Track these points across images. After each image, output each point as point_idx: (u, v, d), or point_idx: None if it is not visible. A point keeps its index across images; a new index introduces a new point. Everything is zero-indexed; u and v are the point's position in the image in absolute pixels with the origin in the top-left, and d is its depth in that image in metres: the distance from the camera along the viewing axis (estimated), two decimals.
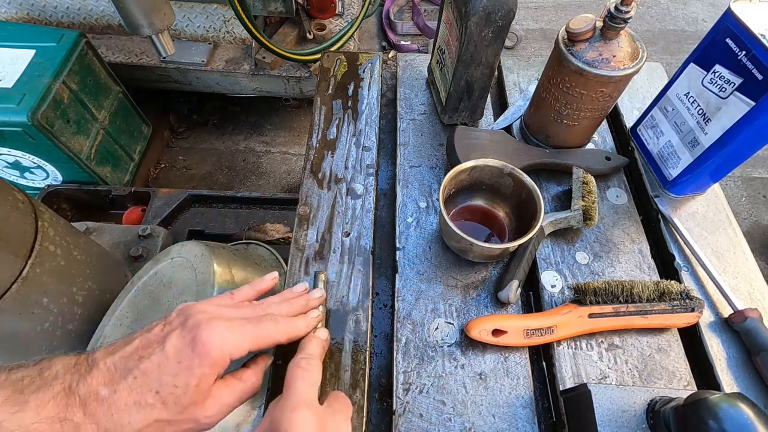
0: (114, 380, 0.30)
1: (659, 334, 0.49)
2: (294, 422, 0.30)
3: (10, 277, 0.58)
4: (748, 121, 0.48)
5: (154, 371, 0.30)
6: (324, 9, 1.39)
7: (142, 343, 0.32)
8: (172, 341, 0.31)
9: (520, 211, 0.53)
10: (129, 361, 0.31)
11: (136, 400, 0.29)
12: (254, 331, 0.34)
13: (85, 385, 0.29)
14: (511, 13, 0.51)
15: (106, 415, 0.29)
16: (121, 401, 0.29)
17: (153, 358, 0.31)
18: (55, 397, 0.28)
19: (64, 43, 1.16)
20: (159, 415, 0.30)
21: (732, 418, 0.31)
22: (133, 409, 0.29)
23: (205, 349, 0.31)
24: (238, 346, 0.33)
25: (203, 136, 1.78)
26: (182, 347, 0.31)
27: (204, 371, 0.31)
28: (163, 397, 0.30)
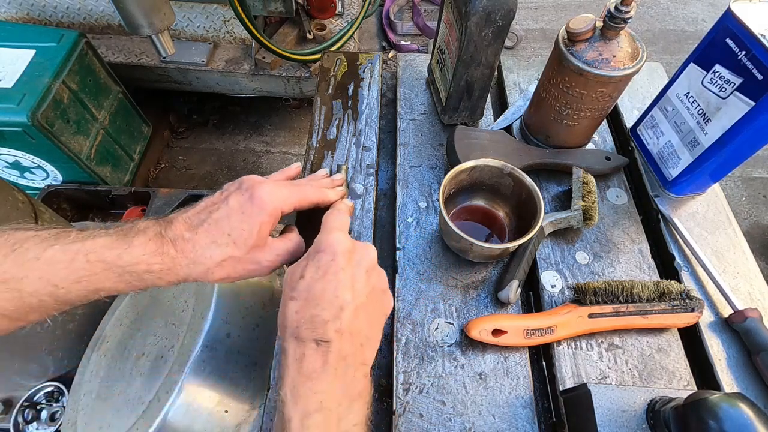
0: (193, 227, 0.36)
1: (659, 334, 0.49)
2: (332, 238, 0.35)
3: None
4: (748, 121, 0.48)
5: (224, 219, 0.36)
6: (324, 9, 1.39)
7: (207, 203, 0.38)
8: (234, 197, 0.37)
9: (520, 211, 0.53)
10: (201, 214, 0.37)
11: (213, 239, 0.36)
12: (297, 191, 0.41)
13: (172, 231, 0.36)
14: (511, 13, 0.51)
15: (193, 250, 0.36)
16: (202, 240, 0.36)
17: (221, 210, 0.37)
18: (152, 239, 0.35)
19: (64, 43, 1.16)
20: (232, 252, 0.36)
21: (732, 418, 0.31)
22: (212, 246, 0.36)
23: (262, 201, 0.37)
24: (286, 200, 0.39)
25: (203, 136, 1.78)
26: (243, 201, 0.37)
27: (263, 219, 0.37)
28: (234, 238, 0.36)
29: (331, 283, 0.33)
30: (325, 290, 0.33)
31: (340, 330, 0.32)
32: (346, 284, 0.33)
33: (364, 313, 0.34)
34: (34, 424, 0.69)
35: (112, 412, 0.47)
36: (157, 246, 0.35)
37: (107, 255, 0.33)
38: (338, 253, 0.34)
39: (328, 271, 0.34)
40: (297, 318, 0.33)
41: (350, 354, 0.33)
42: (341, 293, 0.33)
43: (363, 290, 0.35)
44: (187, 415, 0.43)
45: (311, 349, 0.31)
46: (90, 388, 0.52)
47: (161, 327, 0.50)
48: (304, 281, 0.34)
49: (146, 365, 0.48)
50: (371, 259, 0.37)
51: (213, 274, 0.36)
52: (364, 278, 0.35)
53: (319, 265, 0.34)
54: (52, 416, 0.69)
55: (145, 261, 0.34)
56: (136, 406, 0.45)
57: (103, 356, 0.55)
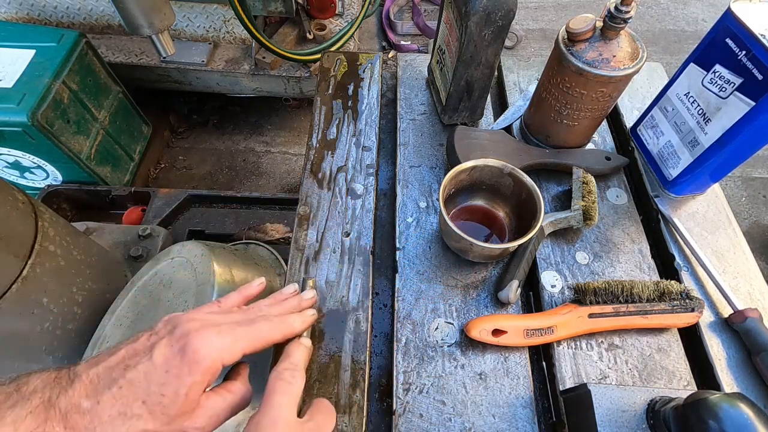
0: (97, 391, 0.29)
1: (659, 334, 0.49)
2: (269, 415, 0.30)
3: (10, 277, 0.58)
4: (748, 121, 0.48)
5: (141, 381, 0.29)
6: (324, 9, 1.39)
7: (128, 353, 0.31)
8: (160, 350, 0.30)
9: (520, 211, 0.53)
10: (114, 371, 0.30)
11: (121, 410, 0.28)
12: (247, 333, 0.33)
13: (66, 398, 0.28)
14: (511, 13, 0.51)
15: (89, 428, 0.28)
16: (104, 413, 0.28)
17: (139, 367, 0.29)
18: (33, 412, 0.27)
19: (64, 43, 1.16)
20: (145, 426, 0.29)
21: (732, 418, 0.31)
22: (118, 421, 0.28)
23: (196, 356, 0.30)
24: (231, 350, 0.32)
25: (203, 136, 1.77)
26: (171, 356, 0.30)
27: (195, 379, 0.30)
28: (150, 407, 0.29)
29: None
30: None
31: None
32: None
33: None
34: None
35: None
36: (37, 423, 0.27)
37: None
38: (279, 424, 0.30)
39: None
40: None
41: None
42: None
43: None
44: None
45: None
46: None
47: None
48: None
49: None
50: None
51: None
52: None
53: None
54: None
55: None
56: None
57: None
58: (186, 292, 0.52)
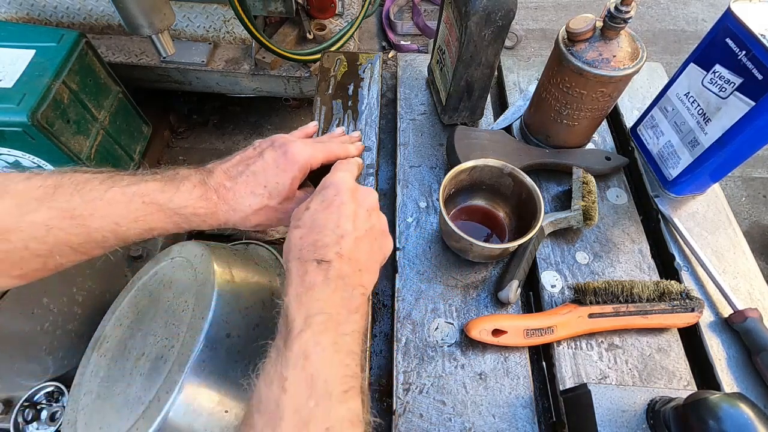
0: (232, 177, 0.40)
1: (659, 334, 0.49)
2: (338, 178, 0.39)
3: None
4: (748, 121, 0.48)
5: (261, 172, 0.40)
6: (324, 9, 1.39)
7: (243, 157, 0.42)
8: (269, 153, 0.41)
9: (520, 211, 0.53)
10: (239, 166, 0.41)
11: (251, 190, 0.40)
12: (322, 148, 0.44)
13: (213, 179, 0.40)
14: (511, 13, 0.51)
15: (233, 198, 0.40)
16: (241, 190, 0.40)
17: (257, 163, 0.41)
18: (196, 185, 0.38)
19: (64, 43, 1.16)
20: (267, 202, 0.40)
21: (732, 418, 0.31)
22: (250, 196, 0.40)
23: (294, 157, 0.41)
24: (315, 156, 0.43)
25: (203, 136, 1.77)
26: (278, 156, 0.41)
27: (295, 174, 0.41)
28: (270, 190, 0.40)
29: (333, 214, 0.36)
30: (328, 220, 0.36)
31: (339, 253, 0.35)
32: (348, 216, 0.36)
33: (363, 245, 0.37)
34: (34, 424, 0.69)
35: (112, 412, 0.47)
36: (202, 192, 0.39)
37: (159, 198, 0.37)
38: (342, 189, 0.38)
39: (332, 204, 0.37)
40: (300, 243, 0.36)
41: (348, 275, 0.35)
42: (343, 223, 0.36)
43: (363, 225, 0.37)
44: (187, 415, 0.43)
45: (313, 267, 0.34)
46: (90, 388, 0.52)
47: (161, 327, 0.50)
48: (309, 212, 0.37)
49: (146, 365, 0.48)
50: (373, 201, 0.40)
51: (249, 220, 0.41)
52: (364, 215, 0.38)
53: (324, 198, 0.37)
54: (52, 416, 0.69)
55: (192, 205, 0.38)
56: (136, 406, 0.44)
57: (103, 356, 0.55)
58: (186, 292, 0.52)
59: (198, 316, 0.46)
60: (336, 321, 0.32)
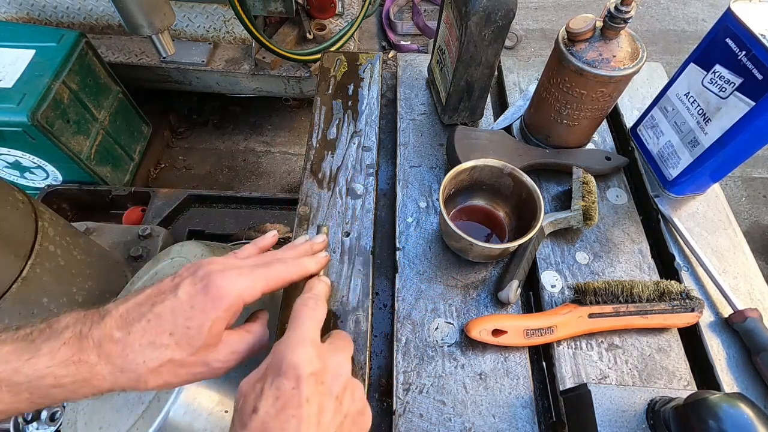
0: (127, 323, 0.31)
1: (659, 334, 0.49)
2: (297, 357, 0.30)
3: (10, 277, 0.58)
4: (748, 121, 0.48)
5: (168, 315, 0.31)
6: (324, 9, 1.39)
7: (154, 292, 0.33)
8: (184, 288, 0.32)
9: (520, 211, 0.53)
10: (142, 307, 0.32)
11: (151, 340, 0.30)
12: (265, 273, 0.35)
13: (99, 330, 0.30)
14: (511, 13, 0.51)
15: (121, 355, 0.30)
16: (135, 342, 0.30)
17: (166, 303, 0.31)
18: (66, 343, 0.29)
19: (64, 43, 1.16)
20: (173, 355, 0.31)
21: (732, 418, 0.31)
22: (148, 349, 0.30)
23: (219, 293, 0.32)
24: (251, 288, 0.33)
25: (203, 136, 1.77)
26: (195, 293, 0.32)
27: (218, 314, 0.31)
28: (177, 338, 0.31)
29: (291, 420, 0.28)
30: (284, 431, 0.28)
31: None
32: (311, 421, 0.28)
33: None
34: (34, 424, 0.69)
35: (112, 412, 0.47)
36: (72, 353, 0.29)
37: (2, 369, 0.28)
38: (302, 378, 0.29)
39: (288, 404, 0.28)
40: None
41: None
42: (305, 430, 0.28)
43: (332, 423, 0.30)
44: (187, 415, 0.43)
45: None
46: None
47: None
48: (257, 417, 0.28)
49: None
50: (344, 378, 0.32)
51: (146, 382, 0.31)
52: (333, 408, 0.30)
53: (278, 394, 0.28)
54: (52, 416, 0.70)
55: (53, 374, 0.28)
56: (136, 406, 0.45)
57: None
58: None
59: None
60: None
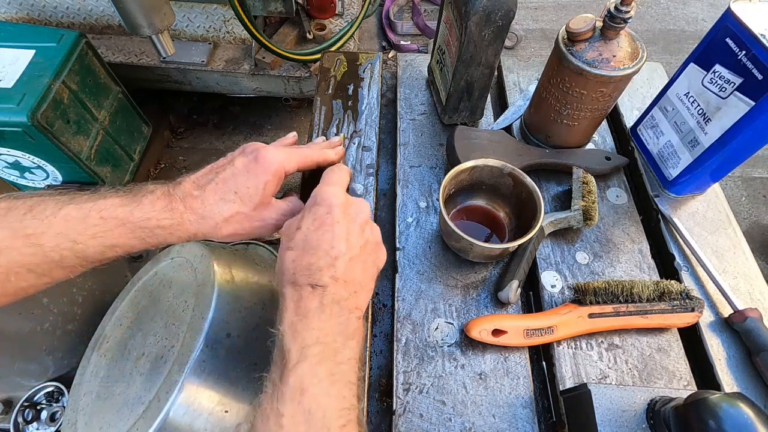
0: (200, 186, 0.38)
1: (659, 334, 0.49)
2: (329, 192, 0.37)
3: None
4: (748, 121, 0.48)
5: (231, 178, 0.38)
6: (324, 9, 1.39)
7: (214, 167, 0.40)
8: (240, 159, 0.39)
9: (520, 211, 0.53)
10: (208, 175, 0.39)
11: (221, 197, 0.38)
12: (298, 152, 0.43)
13: (180, 189, 0.38)
14: (511, 13, 0.51)
15: (201, 206, 0.37)
16: (210, 197, 0.38)
17: (227, 170, 0.39)
18: (160, 198, 0.37)
19: (64, 43, 1.16)
20: (239, 208, 0.38)
21: (732, 418, 0.31)
22: (220, 203, 0.38)
23: (266, 161, 0.39)
24: (289, 161, 0.41)
25: (203, 136, 1.77)
26: (248, 162, 0.39)
27: (267, 178, 0.39)
28: (241, 196, 0.38)
29: (326, 234, 0.35)
30: (321, 240, 0.35)
31: (334, 277, 0.34)
32: (341, 236, 0.35)
33: (358, 264, 0.36)
34: (35, 424, 0.69)
35: (112, 412, 0.47)
36: (166, 203, 0.37)
37: (119, 212, 0.35)
38: (334, 206, 0.36)
39: (324, 223, 0.35)
40: (294, 266, 0.34)
41: (344, 298, 0.34)
42: (336, 244, 0.35)
43: (357, 242, 0.36)
44: (187, 415, 0.43)
45: (307, 292, 0.33)
46: (90, 389, 0.52)
47: (161, 327, 0.50)
48: (300, 232, 0.35)
49: (146, 365, 0.48)
50: (366, 214, 0.39)
51: (221, 229, 0.38)
52: (358, 231, 0.37)
53: (315, 217, 0.36)
54: (52, 416, 0.70)
55: (155, 217, 0.36)
56: (136, 406, 0.44)
57: (103, 356, 0.55)
58: (186, 292, 0.52)
59: (198, 317, 0.46)
60: (333, 350, 0.32)
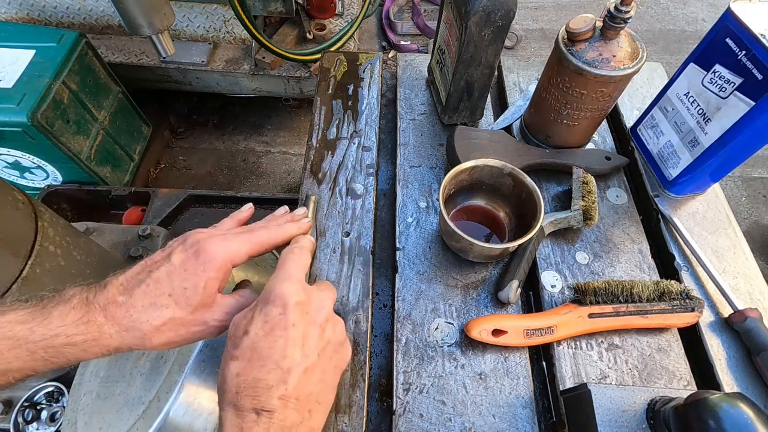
0: (128, 289, 0.33)
1: (659, 334, 0.49)
2: (283, 289, 0.33)
3: (10, 277, 0.58)
4: (748, 121, 0.48)
5: (165, 278, 0.33)
6: (324, 9, 1.39)
7: (148, 262, 0.35)
8: (177, 255, 0.34)
9: (520, 211, 0.53)
10: (140, 275, 0.34)
11: (152, 301, 0.33)
12: (249, 237, 0.37)
13: (103, 295, 0.33)
14: (511, 13, 0.51)
15: (126, 316, 0.32)
16: (138, 303, 0.33)
17: (161, 269, 0.34)
18: (75, 307, 0.32)
19: (64, 43, 1.16)
20: (174, 314, 0.33)
21: (732, 418, 0.31)
22: (150, 309, 0.33)
23: (208, 256, 0.34)
24: (238, 251, 0.36)
25: (203, 136, 1.77)
26: (187, 258, 0.34)
27: (210, 275, 0.34)
28: (176, 298, 0.33)
29: (279, 340, 0.31)
30: (271, 349, 0.30)
31: (285, 396, 0.30)
32: (296, 342, 0.31)
33: (316, 374, 0.32)
34: (34, 425, 0.69)
35: (112, 412, 0.47)
36: (80, 314, 0.32)
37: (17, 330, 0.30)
38: (289, 306, 0.32)
39: (276, 327, 0.31)
40: (237, 382, 0.30)
41: (295, 424, 0.30)
42: (290, 352, 0.31)
43: (315, 347, 0.33)
44: (188, 415, 0.43)
45: (251, 421, 0.29)
46: (90, 388, 0.52)
47: None
48: (248, 338, 0.31)
49: (146, 365, 0.48)
50: (327, 310, 0.35)
51: (151, 339, 0.33)
52: (317, 334, 0.33)
53: (266, 319, 0.32)
54: (52, 416, 0.70)
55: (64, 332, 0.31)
56: (136, 406, 0.44)
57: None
58: None
59: None
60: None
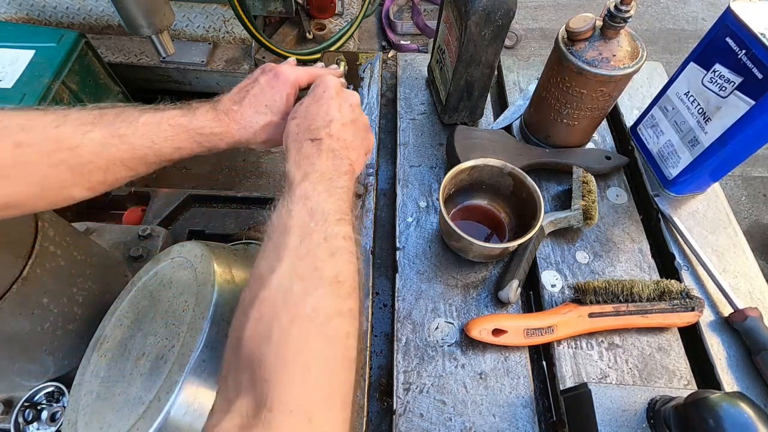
0: (237, 102, 0.47)
1: (659, 333, 0.49)
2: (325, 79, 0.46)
3: (10, 277, 0.58)
4: (748, 121, 0.48)
5: (260, 94, 0.47)
6: (324, 9, 1.39)
7: (242, 86, 0.49)
8: (263, 78, 0.48)
9: (520, 210, 0.53)
10: (240, 93, 0.48)
11: (255, 110, 0.47)
12: (307, 69, 0.51)
13: (222, 105, 0.46)
14: (511, 12, 0.51)
15: (242, 118, 0.46)
16: (246, 111, 0.47)
17: (255, 88, 0.48)
18: (209, 110, 0.45)
19: (64, 43, 1.16)
20: (271, 118, 0.47)
21: (732, 418, 0.31)
22: (255, 116, 0.47)
23: (285, 76, 0.48)
24: (301, 76, 0.49)
25: None
26: (269, 79, 0.48)
27: (288, 90, 0.48)
28: (271, 107, 0.47)
29: (323, 105, 0.43)
30: (318, 109, 0.43)
31: (329, 133, 0.42)
32: (335, 107, 0.44)
33: (349, 130, 0.43)
34: (35, 425, 0.69)
35: (113, 412, 0.47)
36: (214, 115, 0.45)
37: (182, 120, 0.43)
38: (329, 87, 0.45)
39: (321, 98, 0.44)
40: (297, 128, 0.43)
41: (337, 149, 0.42)
42: (331, 111, 0.43)
43: (348, 115, 0.44)
44: (188, 415, 0.43)
45: (307, 143, 0.42)
46: (90, 389, 0.52)
47: (161, 327, 0.50)
48: (302, 106, 0.44)
49: (146, 365, 0.48)
50: (356, 99, 0.47)
51: (259, 135, 0.47)
52: (348, 108, 0.45)
53: (314, 94, 0.45)
54: (52, 416, 0.69)
55: (209, 125, 0.44)
56: (137, 406, 0.44)
57: (103, 356, 0.55)
58: (186, 292, 0.52)
59: (198, 316, 0.46)
60: (328, 177, 0.39)
